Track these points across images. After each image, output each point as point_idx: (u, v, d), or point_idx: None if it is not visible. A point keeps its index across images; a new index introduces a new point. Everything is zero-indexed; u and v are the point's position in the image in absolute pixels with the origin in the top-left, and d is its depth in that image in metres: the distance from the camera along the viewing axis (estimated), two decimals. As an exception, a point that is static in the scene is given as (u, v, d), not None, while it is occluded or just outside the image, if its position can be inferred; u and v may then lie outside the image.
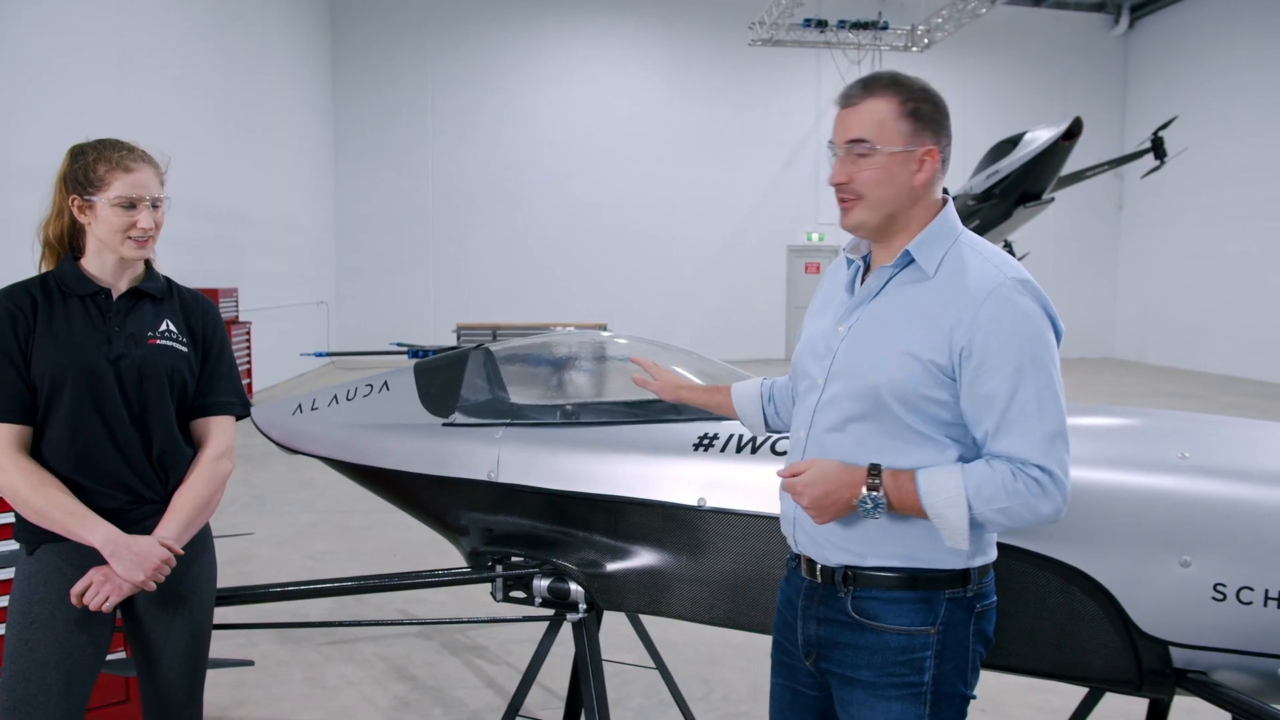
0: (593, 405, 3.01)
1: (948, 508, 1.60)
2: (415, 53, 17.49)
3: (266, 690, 3.83)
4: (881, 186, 1.69)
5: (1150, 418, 2.43)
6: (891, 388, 1.65)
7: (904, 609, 1.69)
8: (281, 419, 3.26)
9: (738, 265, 18.44)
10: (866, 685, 1.71)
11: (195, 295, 2.34)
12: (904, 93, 1.69)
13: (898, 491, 1.63)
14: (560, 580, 2.64)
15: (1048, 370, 1.61)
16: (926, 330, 1.64)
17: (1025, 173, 10.70)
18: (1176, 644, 2.00)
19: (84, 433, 2.08)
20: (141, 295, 2.21)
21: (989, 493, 1.58)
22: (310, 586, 2.95)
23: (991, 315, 1.59)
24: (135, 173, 2.12)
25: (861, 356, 1.71)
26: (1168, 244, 18.15)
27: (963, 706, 1.74)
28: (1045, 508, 1.59)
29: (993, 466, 1.60)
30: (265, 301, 13.15)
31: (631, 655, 3.78)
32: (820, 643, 1.78)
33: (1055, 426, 1.60)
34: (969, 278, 1.64)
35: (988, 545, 1.74)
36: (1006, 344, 1.59)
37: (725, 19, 17.65)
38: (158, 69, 10.18)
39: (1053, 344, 1.63)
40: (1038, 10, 19.04)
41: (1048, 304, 1.64)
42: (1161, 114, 14.63)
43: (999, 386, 1.59)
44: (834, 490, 1.66)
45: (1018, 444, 1.59)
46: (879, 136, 1.68)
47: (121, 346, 2.12)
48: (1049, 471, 1.58)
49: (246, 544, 5.76)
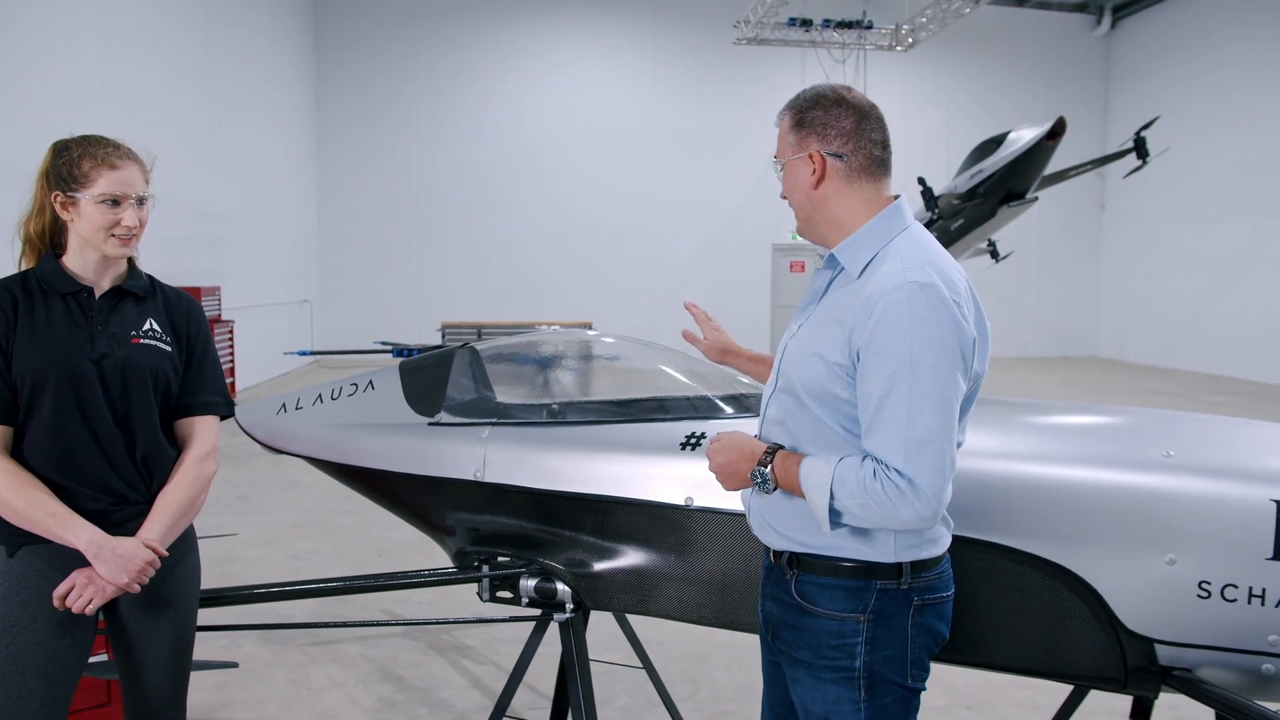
0: (579, 404, 3.01)
1: (814, 492, 1.67)
2: (398, 50, 17.41)
3: (251, 692, 3.81)
4: (792, 194, 1.85)
5: (1135, 416, 2.44)
6: (805, 386, 1.75)
7: (836, 595, 1.76)
8: (265, 418, 3.23)
9: (723, 264, 18.45)
10: (806, 666, 1.80)
11: (179, 294, 2.31)
12: (795, 106, 1.83)
13: (784, 472, 1.74)
14: (547, 580, 2.62)
15: (928, 374, 1.59)
16: (833, 332, 1.71)
17: (1009, 172, 10.74)
18: (1162, 641, 2.01)
19: (66, 434, 2.05)
20: (124, 294, 2.18)
21: (851, 487, 1.62)
22: (296, 587, 2.93)
23: (880, 316, 1.62)
24: (120, 170, 2.09)
25: (792, 355, 1.82)
26: (1149, 243, 18.27)
27: (906, 697, 1.77)
28: (905, 513, 1.59)
29: (862, 464, 1.63)
30: (248, 300, 13.07)
31: (618, 655, 3.78)
32: (774, 622, 1.89)
33: (923, 434, 1.58)
34: (874, 280, 1.68)
35: (925, 542, 1.75)
36: (888, 345, 1.61)
37: (710, 18, 17.64)
38: (139, 67, 10.10)
39: (942, 351, 1.60)
40: (1021, 10, 19.12)
41: (950, 311, 1.62)
42: (1143, 114, 14.72)
43: (875, 386, 1.62)
44: (734, 461, 1.80)
45: (882, 445, 1.61)
46: (780, 152, 1.86)
47: (104, 346, 2.09)
48: (908, 479, 1.58)
49: (230, 544, 5.72)
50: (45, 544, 2.04)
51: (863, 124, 1.79)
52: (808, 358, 1.75)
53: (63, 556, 2.03)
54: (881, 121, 1.83)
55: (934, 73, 18.65)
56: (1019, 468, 2.12)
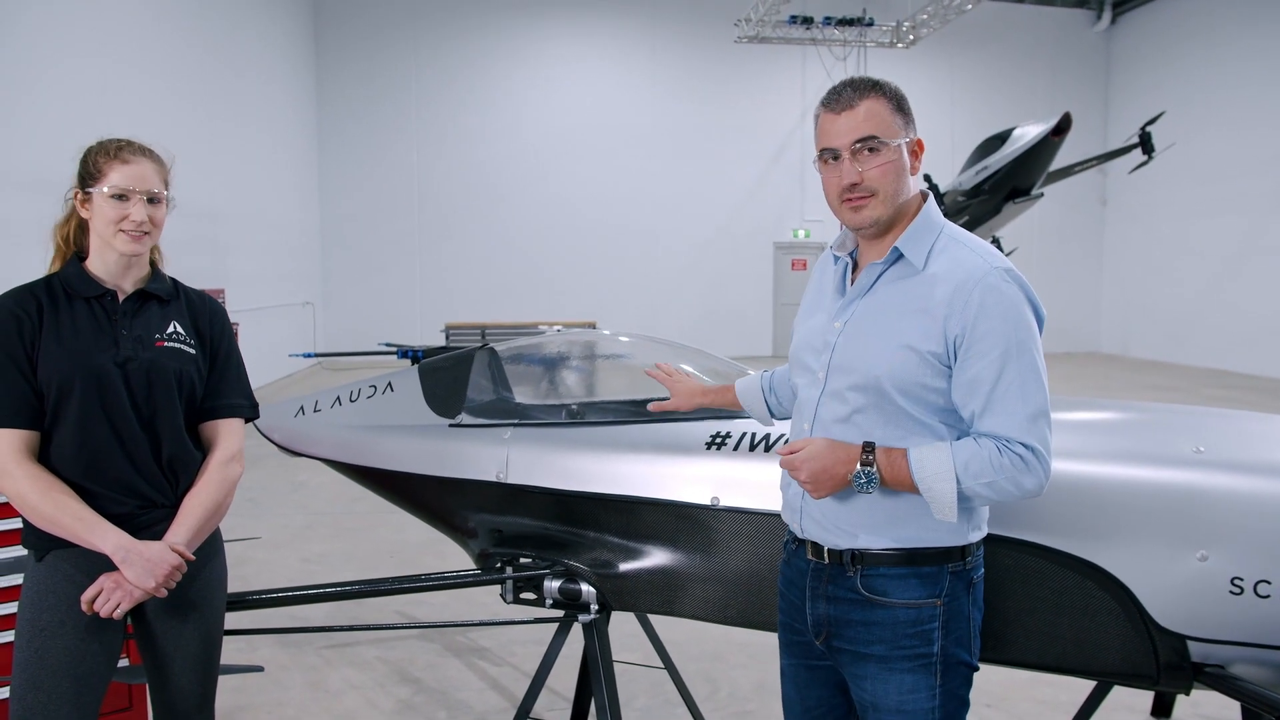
0: (601, 404, 3.00)
1: (937, 481, 1.68)
2: (398, 50, 17.41)
3: (269, 695, 3.80)
4: (893, 180, 1.78)
5: (1163, 412, 2.44)
6: (892, 379, 1.73)
7: (911, 583, 1.77)
8: (283, 421, 3.23)
9: (724, 262, 18.46)
10: (879, 659, 1.79)
11: (202, 296, 2.31)
12: (888, 91, 1.80)
13: (890, 467, 1.71)
14: (571, 581, 2.62)
15: (1031, 354, 1.69)
16: (922, 322, 1.72)
17: (1014, 168, 10.76)
18: (1194, 638, 2.01)
19: (93, 438, 2.05)
20: (148, 297, 2.17)
21: (976, 468, 1.67)
22: (316, 591, 2.92)
23: (980, 303, 1.68)
24: (131, 164, 2.09)
25: (860, 350, 1.78)
26: (1151, 238, 18.27)
27: (968, 675, 1.83)
28: (1029, 482, 1.67)
29: (980, 444, 1.69)
30: (251, 302, 13.05)
31: (636, 654, 3.77)
32: (831, 621, 1.85)
33: (1038, 406, 1.68)
34: (958, 269, 1.72)
35: (982, 521, 1.84)
36: (993, 330, 1.67)
37: (711, 16, 17.64)
38: (139, 70, 10.08)
39: (1035, 329, 1.72)
40: (1021, 6, 19.13)
41: (1030, 292, 1.74)
42: (1144, 109, 14.74)
43: (985, 370, 1.68)
44: (830, 466, 1.75)
45: (1003, 423, 1.68)
46: (885, 132, 1.77)
47: (129, 349, 2.09)
48: (1032, 448, 1.67)
49: (242, 548, 5.70)
50: (73, 548, 2.03)
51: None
52: (893, 351, 1.73)
53: (91, 561, 2.02)
54: None
55: (935, 70, 18.65)
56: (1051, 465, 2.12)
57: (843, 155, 1.77)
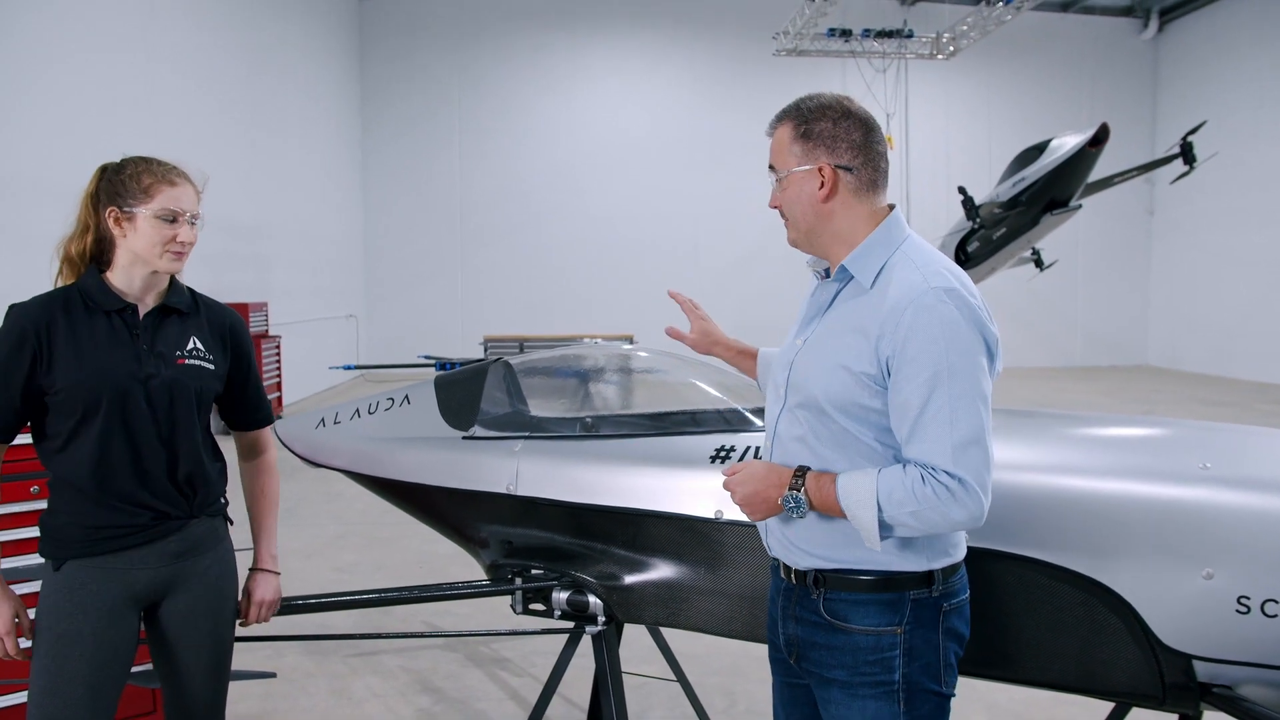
0: (611, 418, 3.03)
1: (859, 509, 1.65)
2: (440, 66, 17.63)
3: (293, 702, 3.86)
4: (793, 206, 1.82)
5: (1170, 427, 2.40)
6: (828, 398, 1.73)
7: (870, 610, 1.74)
8: (305, 432, 3.29)
9: (760, 276, 18.35)
10: (841, 685, 1.77)
11: (221, 308, 2.35)
12: (798, 116, 1.79)
13: (819, 493, 1.71)
14: (579, 593, 2.64)
15: (963, 379, 1.63)
16: (857, 342, 1.70)
17: (1052, 180, 10.62)
18: (1200, 658, 1.97)
19: (110, 453, 2.08)
20: (168, 311, 2.20)
21: (899, 497, 1.63)
22: (335, 599, 2.97)
23: (910, 324, 1.64)
24: (179, 187, 2.14)
25: (808, 369, 1.79)
26: (1200, 249, 17.90)
27: (940, 704, 1.79)
28: (958, 514, 1.62)
29: (906, 471, 1.64)
30: (294, 315, 13.28)
31: (653, 668, 3.78)
32: (799, 642, 1.85)
33: (968, 434, 1.62)
34: (896, 289, 1.69)
35: (951, 546, 1.78)
36: (923, 351, 1.63)
37: (749, 29, 17.65)
38: (183, 84, 10.34)
39: (974, 353, 1.65)
40: (1065, 16, 18.88)
41: (976, 313, 1.67)
42: (1193, 118, 14.43)
43: (913, 394, 1.63)
44: (762, 490, 1.76)
45: (928, 450, 1.63)
46: (780, 163, 1.82)
47: (151, 366, 2.12)
48: (959, 479, 1.61)
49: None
50: (92, 556, 2.08)
51: (870, 136, 1.78)
52: (830, 370, 1.73)
53: (108, 572, 2.08)
54: (881, 133, 1.83)
55: (976, 81, 18.48)
56: (1053, 480, 2.10)
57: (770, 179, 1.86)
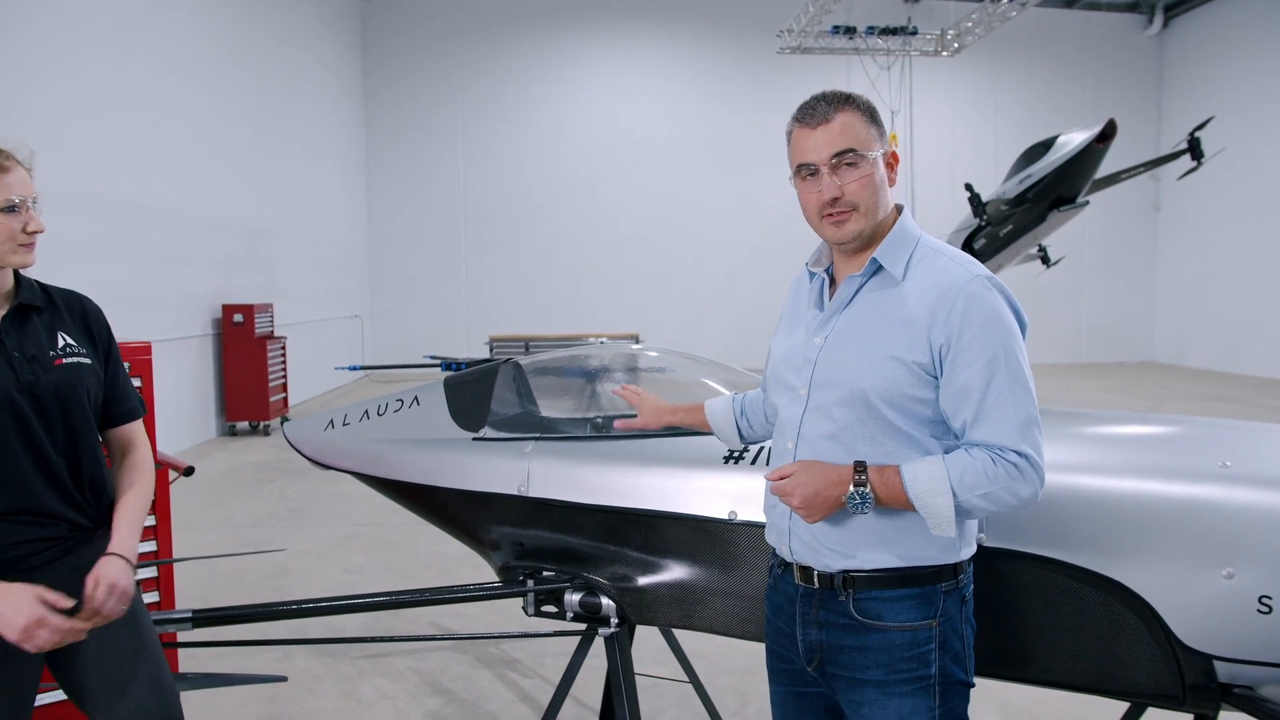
0: (623, 418, 3.00)
1: (933, 496, 1.65)
2: (443, 67, 17.64)
3: (302, 704, 3.85)
4: (872, 193, 1.76)
5: (1189, 425, 2.38)
6: (878, 391, 1.71)
7: (906, 605, 1.74)
8: (313, 435, 3.28)
9: (766, 274, 18.29)
10: (877, 684, 1.75)
11: (77, 296, 2.16)
12: (860, 104, 1.79)
13: (884, 485, 1.69)
14: (591, 595, 2.63)
15: (1017, 361, 1.68)
16: (906, 332, 1.71)
17: (1059, 176, 10.56)
18: (1221, 658, 1.96)
19: (13, 471, 1.92)
20: (27, 310, 2.01)
21: (971, 479, 1.65)
22: (345, 602, 2.96)
23: (964, 311, 1.67)
24: (11, 173, 1.92)
25: (844, 364, 1.76)
26: (1206, 245, 17.86)
27: (966, 693, 1.80)
28: (1024, 490, 1.66)
29: (972, 454, 1.67)
30: (300, 316, 13.29)
31: (666, 669, 3.77)
32: (824, 648, 1.81)
33: (1028, 413, 1.67)
34: (939, 279, 1.72)
35: (971, 537, 1.82)
36: (979, 338, 1.66)
37: (753, 27, 17.63)
38: (188, 87, 10.35)
39: (1019, 336, 1.72)
40: (1069, 12, 18.83)
41: (1012, 298, 1.74)
42: (1198, 114, 14.38)
43: (974, 378, 1.67)
44: (823, 489, 1.72)
45: (995, 431, 1.67)
46: (862, 144, 1.75)
47: (28, 373, 1.94)
48: (1025, 455, 1.65)
49: (283, 558, 5.81)
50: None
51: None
52: (878, 363, 1.71)
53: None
54: None
55: (980, 77, 18.44)
56: (1071, 480, 2.08)
57: (821, 170, 1.75)
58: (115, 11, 8.80)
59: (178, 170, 9.85)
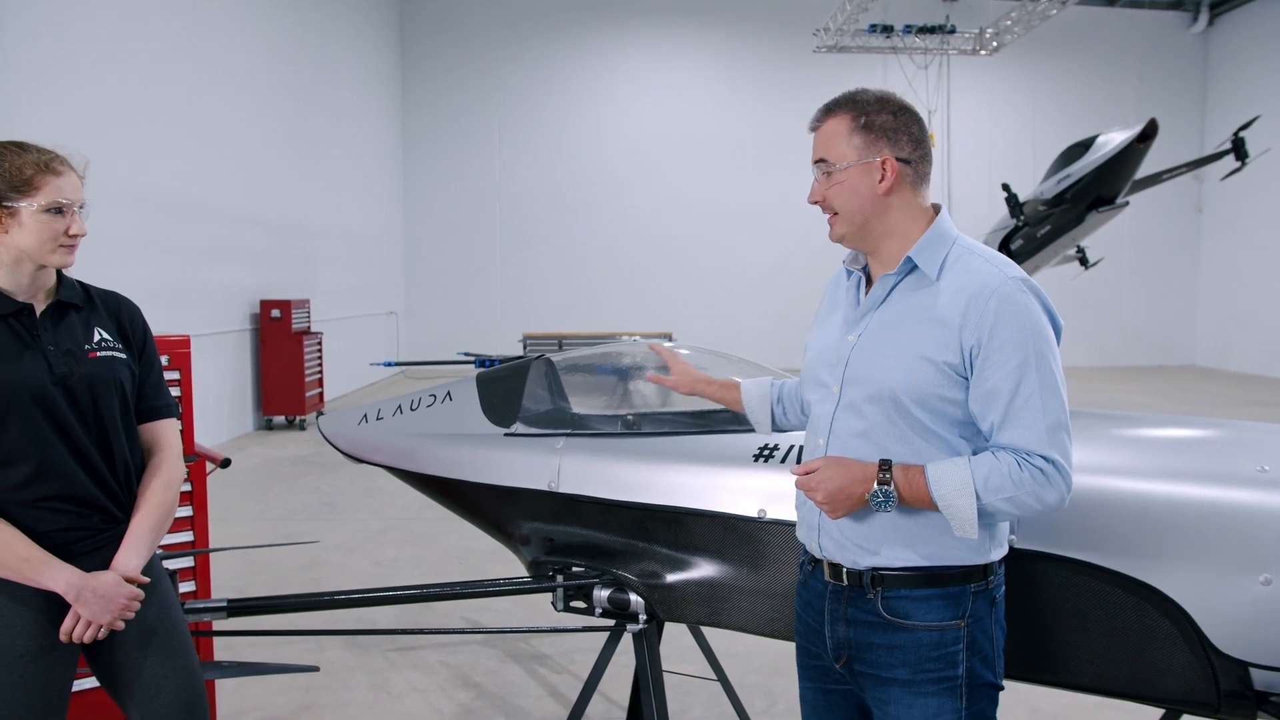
0: (653, 415, 3.01)
1: (957, 497, 1.65)
2: (480, 66, 17.72)
3: (334, 695, 3.90)
4: (848, 200, 1.79)
5: (1226, 429, 2.34)
6: (908, 390, 1.71)
7: (934, 605, 1.74)
8: (347, 428, 3.31)
9: (800, 274, 18.18)
10: (903, 683, 1.75)
11: (115, 296, 2.23)
12: (857, 109, 1.78)
13: (908, 485, 1.69)
14: (620, 591, 2.64)
15: (1049, 364, 1.67)
16: (938, 332, 1.71)
17: (1098, 177, 10.42)
18: (1258, 665, 1.93)
19: (48, 462, 1.96)
20: (65, 307, 2.08)
21: (996, 482, 1.64)
22: (376, 594, 2.99)
23: (996, 312, 1.67)
24: (64, 176, 1.99)
25: (876, 362, 1.77)
26: (1250, 247, 17.53)
27: (994, 695, 1.80)
28: (1050, 496, 1.65)
29: (998, 457, 1.67)
30: (336, 312, 13.43)
31: (694, 666, 3.77)
32: (851, 645, 1.82)
33: (1057, 418, 1.66)
34: (973, 279, 1.71)
35: (1003, 538, 1.81)
36: (1009, 340, 1.66)
37: (789, 26, 17.55)
38: (230, 85, 10.48)
39: (1053, 339, 1.71)
40: (1111, 10, 18.56)
41: (1047, 301, 1.73)
42: (1243, 114, 14.11)
43: (1004, 381, 1.66)
44: (847, 486, 1.72)
45: (1022, 435, 1.66)
46: (834, 155, 1.79)
47: (62, 366, 2.00)
48: (1052, 461, 1.65)
49: (316, 550, 5.88)
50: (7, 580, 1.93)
51: (924, 132, 1.81)
52: (909, 362, 1.72)
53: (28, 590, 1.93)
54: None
55: (1019, 76, 18.23)
56: (1105, 482, 2.05)
57: (815, 173, 1.82)
58: (159, 12, 8.94)
59: (218, 167, 9.98)
